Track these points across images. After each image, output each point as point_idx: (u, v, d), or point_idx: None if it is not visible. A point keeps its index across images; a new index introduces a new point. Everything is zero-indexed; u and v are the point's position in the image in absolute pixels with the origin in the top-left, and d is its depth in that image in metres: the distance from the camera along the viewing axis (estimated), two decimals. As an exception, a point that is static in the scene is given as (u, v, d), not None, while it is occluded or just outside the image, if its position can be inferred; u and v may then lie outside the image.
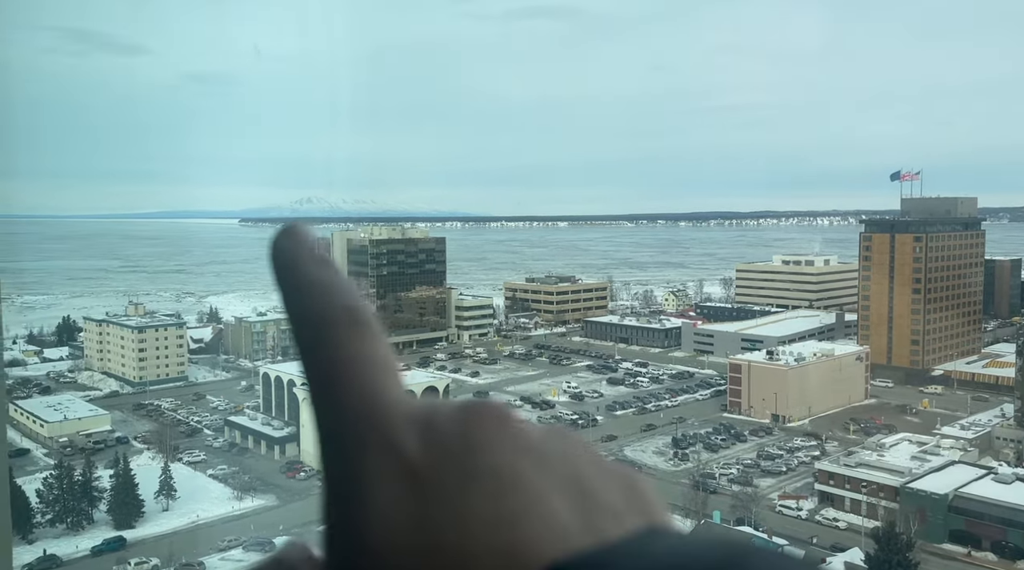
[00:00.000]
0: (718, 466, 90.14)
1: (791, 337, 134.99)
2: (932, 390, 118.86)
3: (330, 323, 0.67)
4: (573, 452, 0.65)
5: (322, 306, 0.68)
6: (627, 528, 0.61)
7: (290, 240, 0.73)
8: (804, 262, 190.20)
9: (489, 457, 0.60)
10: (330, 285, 0.70)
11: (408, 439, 0.62)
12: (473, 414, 0.64)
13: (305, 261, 0.71)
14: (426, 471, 0.59)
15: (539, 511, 0.58)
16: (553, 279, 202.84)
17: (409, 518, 0.57)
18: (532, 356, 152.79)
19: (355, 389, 0.64)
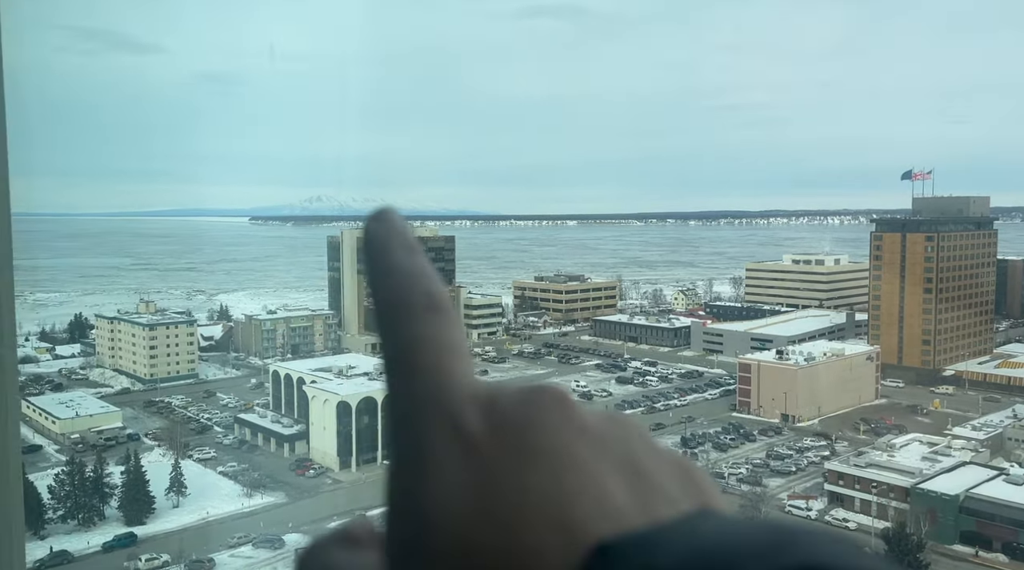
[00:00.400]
0: (727, 465, 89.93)
1: (801, 337, 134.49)
2: (943, 390, 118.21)
3: (410, 307, 0.70)
4: (630, 436, 0.69)
5: (405, 291, 0.71)
6: (680, 511, 0.63)
7: (381, 224, 0.77)
8: (814, 261, 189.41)
9: (548, 437, 0.63)
10: (414, 271, 0.73)
11: (472, 417, 0.64)
12: (534, 396, 0.66)
13: (394, 246, 0.75)
14: (488, 448, 0.62)
15: (594, 491, 0.60)
16: (562, 278, 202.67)
17: (469, 491, 0.60)
18: (541, 355, 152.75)
19: (427, 370, 0.67)
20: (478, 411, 0.65)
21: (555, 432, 0.64)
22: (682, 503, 0.65)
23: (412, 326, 0.69)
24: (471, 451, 0.62)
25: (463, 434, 0.63)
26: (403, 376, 0.68)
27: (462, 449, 0.62)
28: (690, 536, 0.57)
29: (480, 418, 0.64)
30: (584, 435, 0.65)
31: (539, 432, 0.63)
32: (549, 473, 0.61)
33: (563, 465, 0.61)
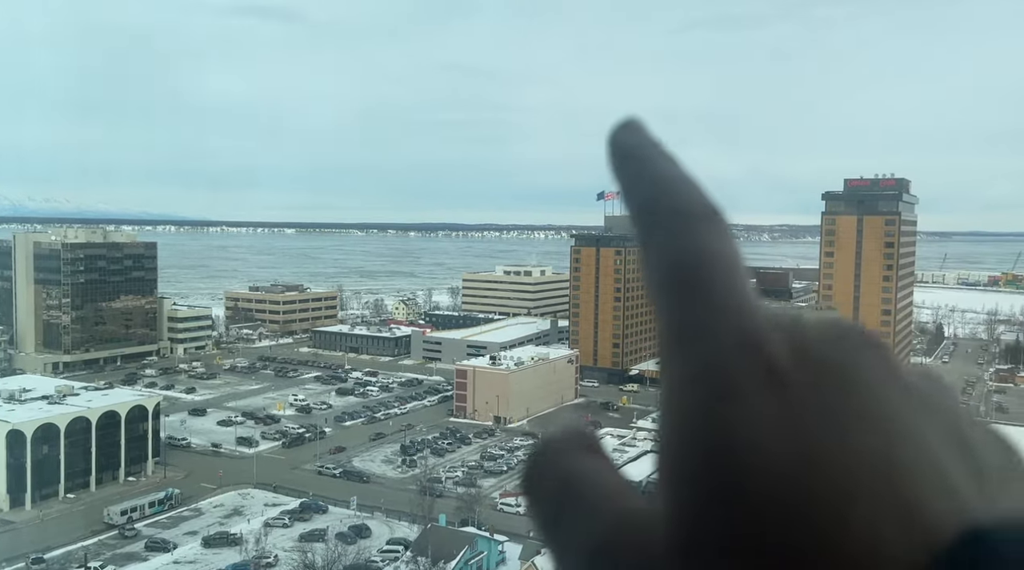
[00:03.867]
0: (444, 470, 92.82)
1: (512, 343, 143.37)
2: (630, 388, 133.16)
3: (690, 217, 0.61)
4: (951, 400, 0.59)
5: (681, 200, 0.62)
6: (1015, 497, 0.54)
7: (633, 133, 0.68)
8: (523, 272, 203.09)
9: (873, 390, 0.54)
10: (683, 179, 0.64)
11: (777, 344, 0.55)
12: (848, 334, 0.57)
13: (654, 155, 0.66)
14: (798, 383, 0.54)
15: (930, 462, 0.52)
16: (279, 288, 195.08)
17: (783, 427, 0.52)
18: (256, 369, 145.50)
19: (719, 285, 0.58)
20: (784, 341, 0.56)
21: (879, 385, 0.55)
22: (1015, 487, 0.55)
23: (694, 237, 0.60)
24: (781, 387, 0.54)
25: (771, 365, 0.54)
26: (689, 289, 0.57)
27: (770, 382, 0.53)
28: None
29: (787, 350, 0.55)
30: (909, 393, 0.56)
31: (860, 378, 0.54)
32: (882, 436, 0.52)
33: (896, 428, 0.53)
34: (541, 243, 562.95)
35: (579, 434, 0.64)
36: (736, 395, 0.53)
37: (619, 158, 0.66)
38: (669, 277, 0.59)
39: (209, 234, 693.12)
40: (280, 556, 71.17)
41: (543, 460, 0.62)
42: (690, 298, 0.57)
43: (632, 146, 0.67)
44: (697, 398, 0.53)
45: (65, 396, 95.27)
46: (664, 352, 0.57)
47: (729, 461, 0.51)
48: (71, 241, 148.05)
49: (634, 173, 0.65)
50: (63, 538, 74.98)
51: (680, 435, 0.53)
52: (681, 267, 0.58)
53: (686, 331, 0.56)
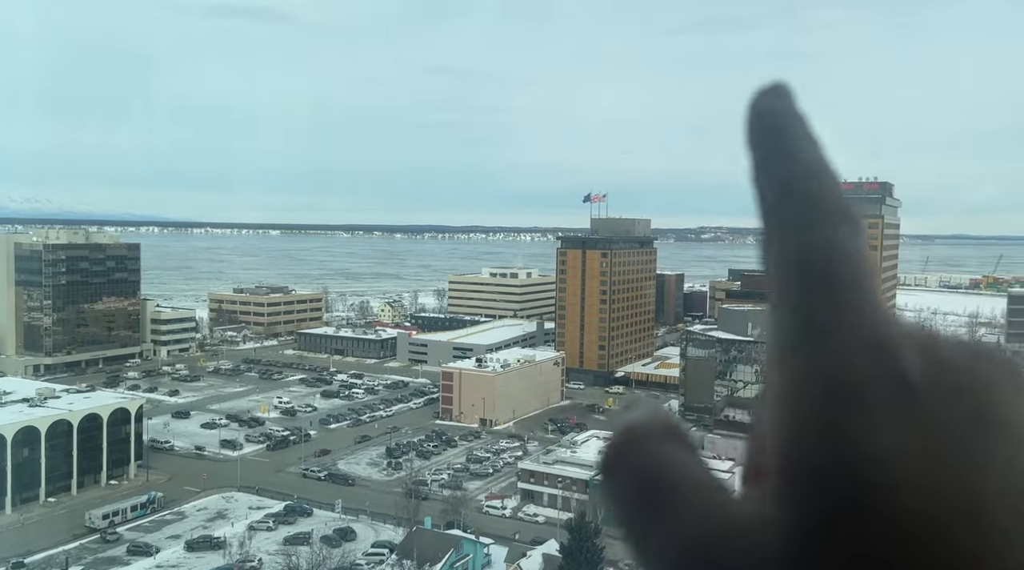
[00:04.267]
0: (430, 472, 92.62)
1: (498, 345, 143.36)
2: (616, 390, 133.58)
3: (826, 208, 0.57)
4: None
5: (818, 187, 0.58)
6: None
7: (778, 101, 0.62)
8: (510, 275, 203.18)
9: (1006, 412, 0.52)
10: (824, 165, 0.59)
11: (909, 356, 0.52)
12: (986, 358, 0.54)
13: (797, 131, 0.61)
14: (930, 398, 0.51)
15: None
16: (264, 290, 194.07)
17: (913, 442, 0.49)
18: (240, 371, 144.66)
19: (848, 287, 0.54)
20: (915, 351, 0.53)
21: (1011, 405, 0.52)
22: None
23: (832, 231, 0.56)
24: (913, 400, 0.51)
25: (903, 375, 0.51)
26: (821, 283, 0.54)
27: (899, 391, 0.51)
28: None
29: (920, 363, 0.53)
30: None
31: (995, 402, 0.52)
32: (1015, 458, 0.49)
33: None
34: (527, 245, 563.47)
35: (665, 421, 0.61)
36: (864, 402, 0.50)
37: (759, 126, 0.61)
38: (800, 268, 0.56)
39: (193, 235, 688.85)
40: (264, 560, 70.74)
41: (627, 444, 0.59)
42: (821, 293, 0.54)
43: (776, 115, 0.61)
44: (819, 401, 0.51)
45: (46, 398, 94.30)
46: (782, 346, 0.55)
47: (855, 474, 0.48)
48: (53, 242, 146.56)
49: (774, 147, 0.60)
50: (44, 542, 74.18)
51: (796, 439, 0.51)
52: (815, 259, 0.55)
53: (813, 327, 0.53)
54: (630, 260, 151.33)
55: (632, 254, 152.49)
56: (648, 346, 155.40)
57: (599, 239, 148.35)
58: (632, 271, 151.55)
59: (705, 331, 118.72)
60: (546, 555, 66.96)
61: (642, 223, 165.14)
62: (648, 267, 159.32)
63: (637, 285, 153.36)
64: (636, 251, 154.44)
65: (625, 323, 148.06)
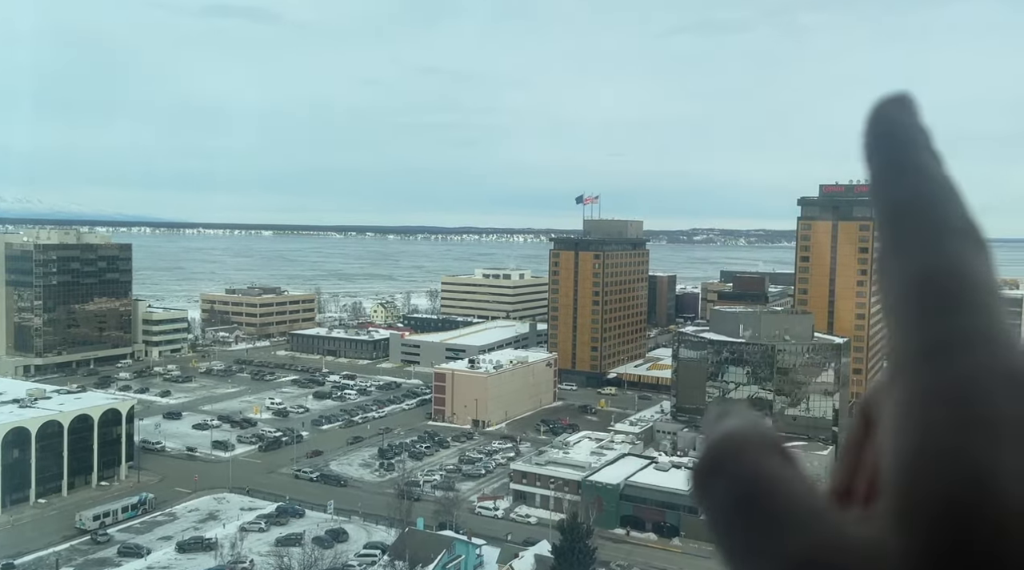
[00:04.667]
0: (422, 473, 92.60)
1: (491, 346, 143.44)
2: (608, 391, 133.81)
3: (951, 227, 0.56)
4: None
5: (941, 205, 0.56)
6: None
7: (904, 112, 0.60)
8: (502, 276, 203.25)
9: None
10: (947, 181, 0.58)
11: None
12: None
13: (920, 144, 0.59)
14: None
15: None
16: (256, 290, 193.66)
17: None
18: (232, 372, 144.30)
19: (976, 309, 0.53)
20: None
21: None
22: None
23: (954, 248, 0.55)
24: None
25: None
26: (942, 303, 0.53)
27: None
28: None
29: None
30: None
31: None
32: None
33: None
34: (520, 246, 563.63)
35: (765, 433, 0.59)
36: (995, 430, 0.48)
37: (881, 138, 0.59)
38: (929, 286, 0.54)
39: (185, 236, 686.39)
40: (256, 561, 70.60)
41: (727, 452, 0.57)
42: (950, 312, 0.53)
43: (900, 128, 0.60)
44: (946, 423, 0.49)
45: (36, 399, 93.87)
46: (903, 363, 0.52)
47: (987, 499, 0.46)
48: (43, 242, 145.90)
49: (895, 160, 0.58)
50: (34, 543, 73.85)
51: (920, 462, 0.48)
52: (943, 282, 0.54)
53: (941, 345, 0.51)
54: (622, 261, 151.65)
55: (624, 256, 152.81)
56: (640, 347, 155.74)
57: (592, 240, 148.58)
58: (624, 272, 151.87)
59: (697, 332, 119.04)
60: (538, 556, 67.08)
61: (634, 225, 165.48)
62: (640, 269, 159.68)
63: (629, 287, 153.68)
64: (628, 253, 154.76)
65: (617, 324, 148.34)
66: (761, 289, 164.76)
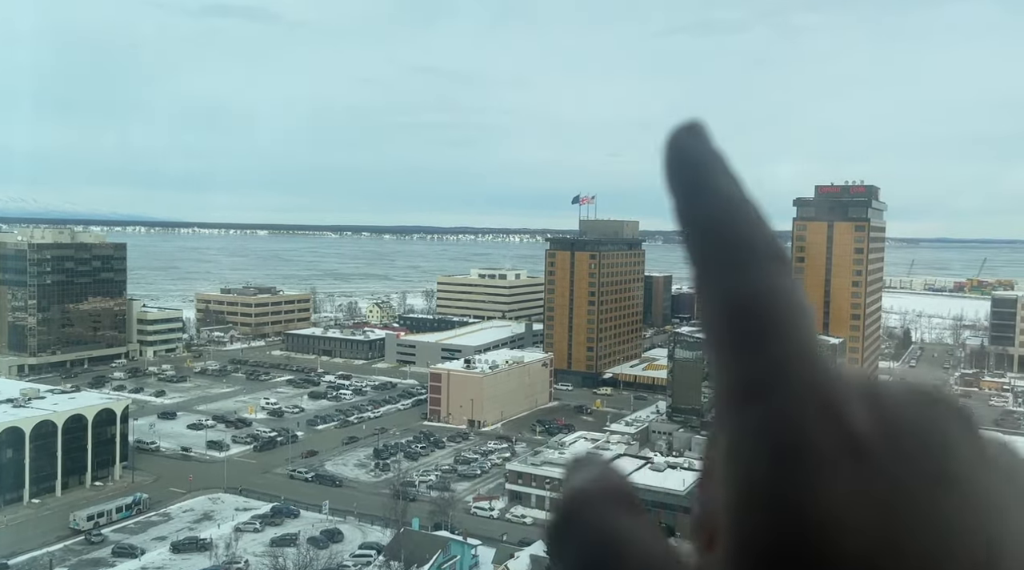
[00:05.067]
0: (418, 474, 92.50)
1: (486, 346, 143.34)
2: (604, 391, 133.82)
3: (752, 250, 0.55)
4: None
5: (742, 228, 0.55)
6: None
7: (697, 139, 0.59)
8: (498, 276, 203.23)
9: (957, 461, 0.49)
10: (748, 205, 0.57)
11: (856, 409, 0.50)
12: (933, 404, 0.52)
13: (717, 169, 0.58)
14: (879, 452, 0.49)
15: (1019, 537, 0.48)
16: (251, 290, 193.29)
17: (864, 503, 0.47)
18: (227, 372, 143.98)
19: (785, 334, 0.51)
20: (863, 404, 0.51)
21: (964, 455, 0.50)
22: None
23: (764, 277, 0.53)
24: (861, 453, 0.48)
25: (850, 429, 0.49)
26: (757, 336, 0.51)
27: (848, 448, 0.48)
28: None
29: (867, 413, 0.50)
30: (995, 467, 0.51)
31: (945, 450, 0.49)
32: (968, 510, 0.47)
33: (982, 503, 0.48)
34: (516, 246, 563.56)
35: (614, 484, 0.58)
36: (809, 464, 0.48)
37: (679, 167, 0.58)
38: (733, 319, 0.53)
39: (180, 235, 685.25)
40: (251, 561, 70.44)
41: (576, 514, 0.56)
42: (757, 346, 0.51)
43: (695, 155, 0.59)
44: (764, 464, 0.48)
45: (30, 399, 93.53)
46: (723, 404, 0.52)
47: (800, 541, 0.46)
48: (37, 241, 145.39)
49: (695, 188, 0.57)
50: (28, 544, 73.56)
51: (743, 505, 0.48)
52: (748, 309, 0.53)
53: (752, 384, 0.51)
54: (618, 262, 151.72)
55: (620, 256, 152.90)
56: (636, 348, 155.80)
57: (588, 241, 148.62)
58: (620, 273, 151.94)
59: (693, 333, 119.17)
60: (533, 556, 67.01)
61: (631, 225, 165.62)
62: (636, 269, 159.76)
63: (625, 287, 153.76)
64: (624, 253, 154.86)
65: (613, 325, 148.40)
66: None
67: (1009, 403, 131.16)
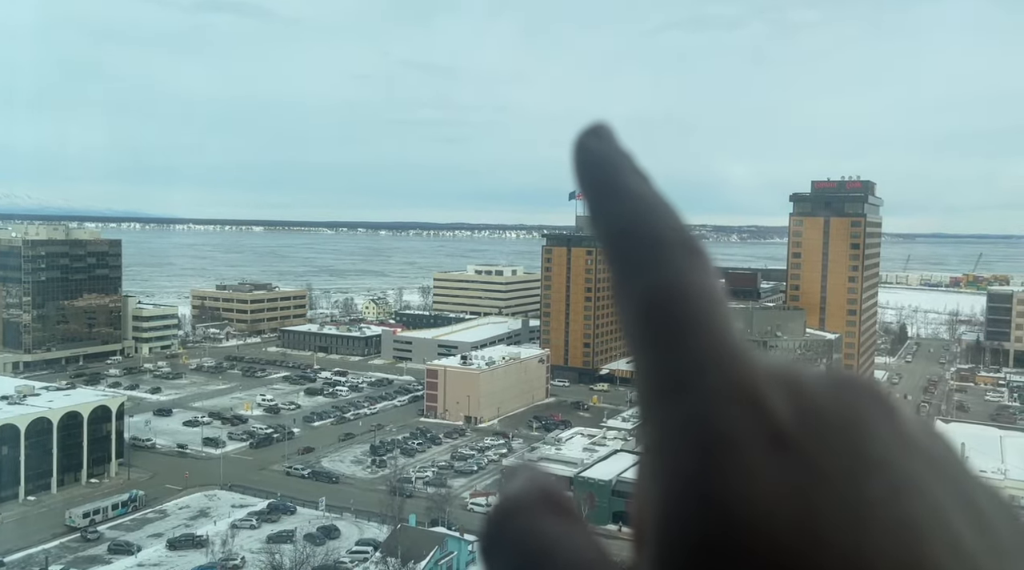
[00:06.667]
0: (415, 470, 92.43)
1: (483, 342, 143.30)
2: (600, 387, 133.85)
3: (664, 245, 0.54)
4: (957, 457, 0.52)
5: (653, 224, 0.55)
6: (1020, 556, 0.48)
7: (603, 142, 0.60)
8: (495, 272, 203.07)
9: (878, 445, 0.49)
10: (658, 200, 0.57)
11: (776, 400, 0.49)
12: (853, 390, 0.52)
13: (625, 168, 0.58)
14: (802, 442, 0.48)
15: (942, 525, 0.46)
16: (247, 287, 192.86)
17: (786, 495, 0.46)
18: (223, 369, 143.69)
19: (702, 328, 0.51)
20: (782, 392, 0.50)
21: (884, 440, 0.49)
22: (1018, 543, 0.48)
23: (677, 271, 0.53)
24: (783, 448, 0.48)
25: (772, 421, 0.48)
26: (674, 331, 0.51)
27: (771, 440, 0.48)
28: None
29: (786, 402, 0.50)
30: (915, 450, 0.50)
31: (866, 436, 0.49)
32: (891, 494, 0.47)
33: (905, 486, 0.47)
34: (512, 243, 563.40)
35: (545, 491, 0.58)
36: (732, 458, 0.47)
37: (587, 169, 0.59)
38: (650, 316, 0.52)
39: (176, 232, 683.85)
40: (247, 558, 70.33)
41: (506, 523, 0.56)
42: (675, 342, 0.50)
43: (602, 156, 0.59)
44: (686, 461, 0.48)
45: (25, 396, 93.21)
46: (644, 403, 0.51)
47: (728, 535, 0.45)
48: (32, 238, 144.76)
49: (605, 189, 0.58)
50: (23, 541, 73.33)
51: (668, 503, 0.47)
52: (664, 305, 0.52)
53: (672, 380, 0.50)
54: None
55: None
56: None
57: (584, 237, 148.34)
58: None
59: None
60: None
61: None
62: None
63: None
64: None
65: (610, 321, 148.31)
66: (753, 285, 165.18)
67: (1005, 398, 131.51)
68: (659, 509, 0.48)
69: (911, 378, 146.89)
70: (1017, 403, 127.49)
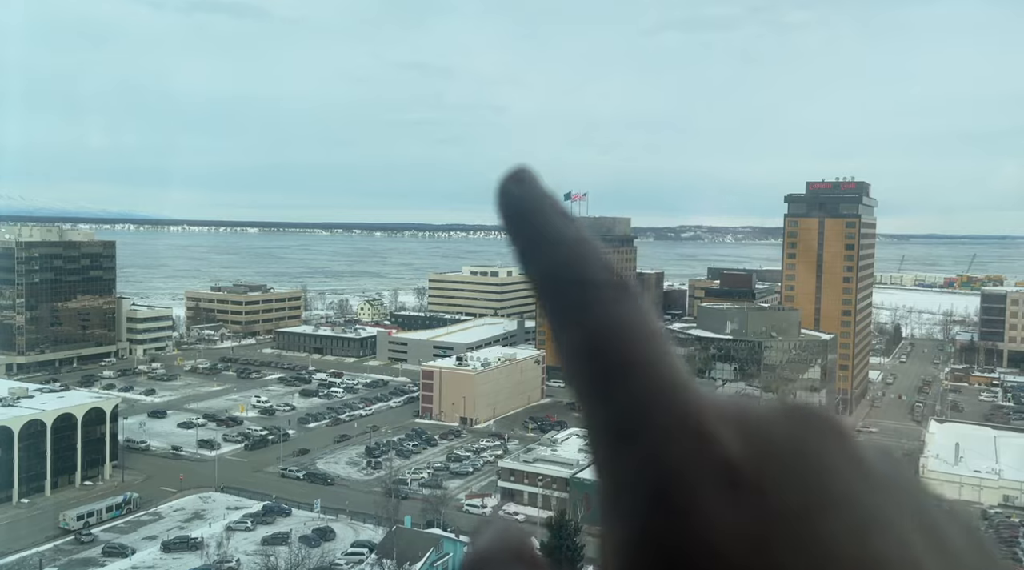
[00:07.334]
0: (410, 472, 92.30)
1: (478, 343, 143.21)
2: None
3: (596, 286, 0.55)
4: (915, 484, 0.52)
5: (582, 265, 0.56)
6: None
7: (525, 186, 0.62)
8: (490, 273, 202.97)
9: (834, 478, 0.48)
10: (583, 241, 0.59)
11: (727, 438, 0.49)
12: (804, 423, 0.51)
13: (549, 211, 0.60)
14: (755, 479, 0.47)
15: (901, 552, 0.46)
16: (242, 288, 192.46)
17: (743, 535, 0.46)
18: (218, 370, 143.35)
19: (642, 367, 0.51)
20: (732, 430, 0.50)
21: (841, 473, 0.48)
22: (977, 564, 0.48)
23: (603, 310, 0.53)
24: (737, 488, 0.47)
25: (724, 461, 0.48)
26: (615, 375, 0.51)
27: (724, 482, 0.47)
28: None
29: (737, 439, 0.49)
30: (871, 479, 0.49)
31: (822, 470, 0.48)
32: (850, 529, 0.46)
33: (864, 519, 0.46)
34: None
35: (512, 542, 0.58)
36: (687, 502, 0.47)
37: (511, 216, 0.60)
38: (589, 359, 0.52)
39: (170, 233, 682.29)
40: (242, 560, 70.12)
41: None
42: (617, 384, 0.50)
43: (525, 202, 0.60)
44: (642, 508, 0.48)
45: (19, 398, 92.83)
46: (595, 451, 0.51)
47: None
48: (25, 239, 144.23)
49: (530, 234, 0.59)
50: (17, 544, 73.04)
51: (627, 551, 0.48)
52: (601, 348, 0.52)
53: (618, 423, 0.50)
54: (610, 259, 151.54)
55: (612, 253, 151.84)
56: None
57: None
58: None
59: (684, 329, 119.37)
60: (526, 553, 66.95)
61: (622, 221, 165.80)
62: (628, 266, 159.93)
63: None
64: (616, 250, 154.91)
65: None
66: (748, 286, 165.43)
67: (999, 398, 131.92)
68: (617, 554, 0.48)
69: (905, 378, 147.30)
70: (1011, 403, 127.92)
